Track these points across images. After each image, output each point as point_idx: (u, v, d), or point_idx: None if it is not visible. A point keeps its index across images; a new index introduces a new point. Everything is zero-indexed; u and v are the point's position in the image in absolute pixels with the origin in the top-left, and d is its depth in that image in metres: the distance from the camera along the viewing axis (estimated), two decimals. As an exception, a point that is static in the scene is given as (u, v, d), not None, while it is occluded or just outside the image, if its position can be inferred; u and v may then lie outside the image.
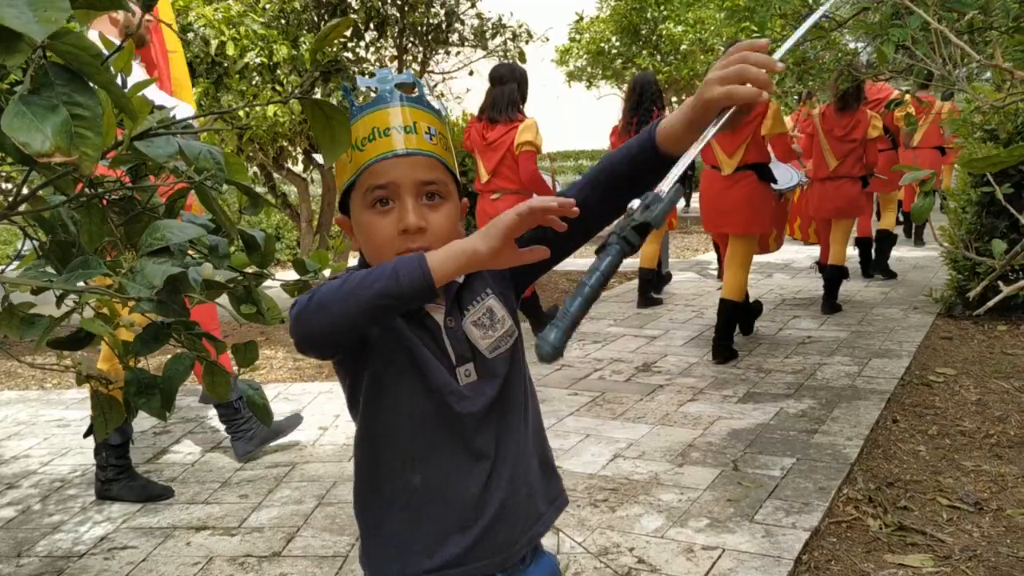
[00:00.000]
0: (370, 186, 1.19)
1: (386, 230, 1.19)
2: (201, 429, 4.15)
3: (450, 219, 1.23)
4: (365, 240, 1.23)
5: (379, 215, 1.20)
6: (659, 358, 5.21)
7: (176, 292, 1.04)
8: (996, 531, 2.90)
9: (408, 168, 1.20)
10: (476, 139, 5.36)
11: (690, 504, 3.08)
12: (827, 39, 5.17)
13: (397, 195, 1.20)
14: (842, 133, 6.04)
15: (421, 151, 1.21)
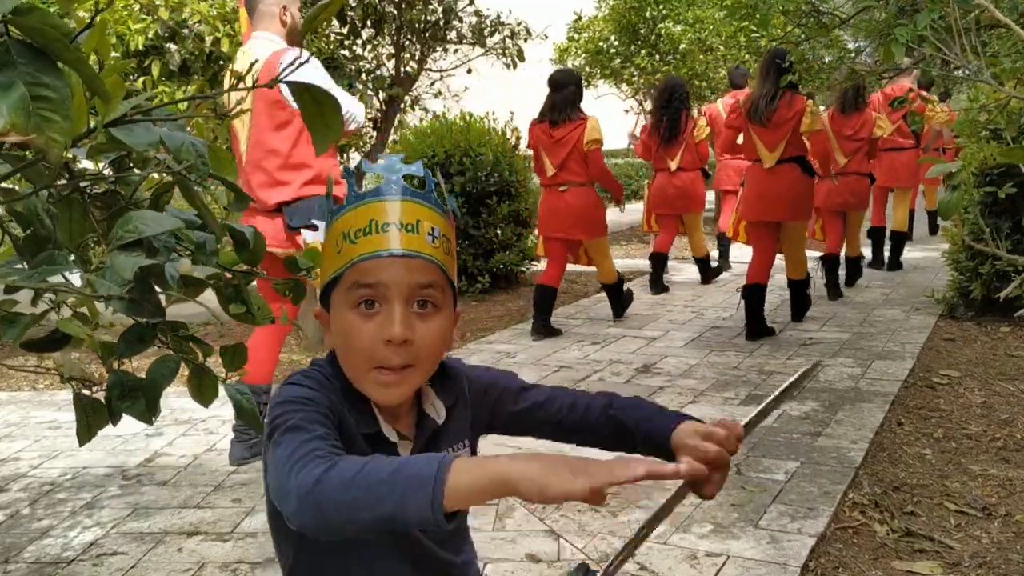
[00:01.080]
0: (356, 283, 1.07)
1: (367, 336, 1.06)
2: (195, 432, 4.08)
3: (441, 333, 1.11)
4: (343, 342, 1.10)
5: (362, 318, 1.07)
6: (659, 359, 5.15)
7: (149, 290, 0.97)
8: (1005, 537, 2.84)
9: (402, 270, 1.07)
10: (541, 138, 5.73)
11: (693, 509, 3.02)
12: (828, 38, 5.13)
13: (385, 299, 1.07)
14: (851, 133, 6.61)
15: (420, 254, 1.08)
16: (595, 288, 7.80)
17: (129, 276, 0.86)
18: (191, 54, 4.90)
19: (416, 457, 0.90)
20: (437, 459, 0.87)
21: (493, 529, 2.93)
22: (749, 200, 5.80)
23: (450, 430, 1.17)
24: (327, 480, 0.88)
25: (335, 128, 0.92)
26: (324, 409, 1.04)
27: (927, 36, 3.05)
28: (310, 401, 1.04)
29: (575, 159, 5.64)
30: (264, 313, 1.39)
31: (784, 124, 5.43)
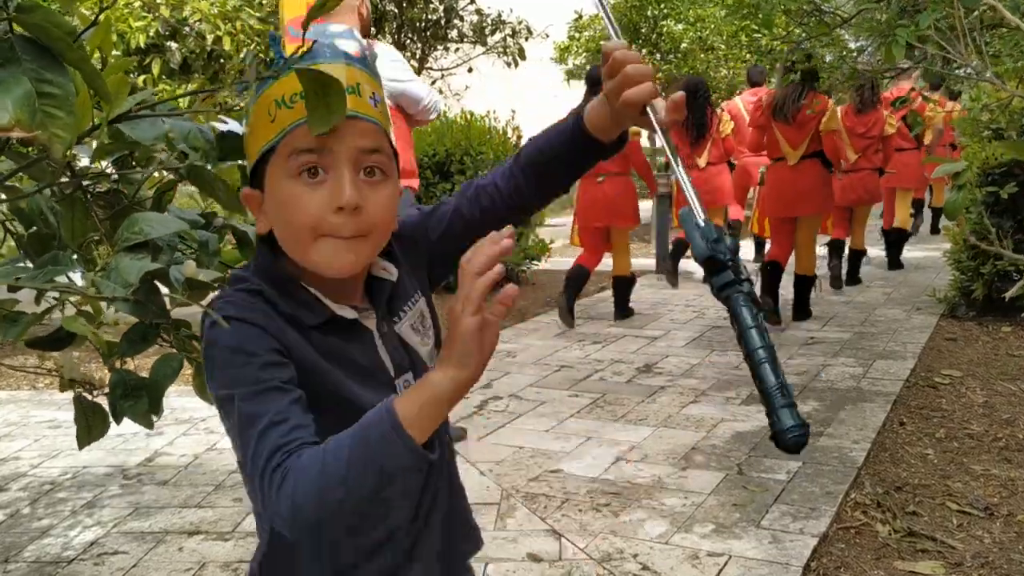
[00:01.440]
0: (297, 149, 0.97)
1: (314, 206, 0.97)
2: (195, 431, 4.07)
3: (391, 201, 1.03)
4: (284, 217, 0.99)
5: (306, 187, 0.97)
6: (660, 359, 5.14)
7: (154, 292, 0.95)
8: (1007, 537, 2.83)
9: (347, 133, 0.97)
10: None
11: (695, 509, 3.01)
12: (830, 37, 5.13)
13: (331, 164, 0.97)
14: (863, 131, 6.80)
15: (365, 115, 0.99)
16: (596, 287, 7.79)
17: (135, 280, 0.85)
18: (192, 52, 4.89)
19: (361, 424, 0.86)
20: (381, 415, 0.84)
21: (494, 529, 2.92)
22: (771, 198, 6.03)
23: (400, 287, 1.11)
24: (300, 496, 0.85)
25: (337, 109, 0.90)
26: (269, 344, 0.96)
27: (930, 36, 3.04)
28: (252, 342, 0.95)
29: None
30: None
31: (809, 122, 5.63)
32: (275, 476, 0.86)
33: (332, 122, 0.93)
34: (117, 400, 1.23)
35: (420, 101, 3.64)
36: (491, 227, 0.98)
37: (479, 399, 4.40)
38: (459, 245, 1.04)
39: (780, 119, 5.74)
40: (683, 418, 4.01)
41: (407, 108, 3.64)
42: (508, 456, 3.58)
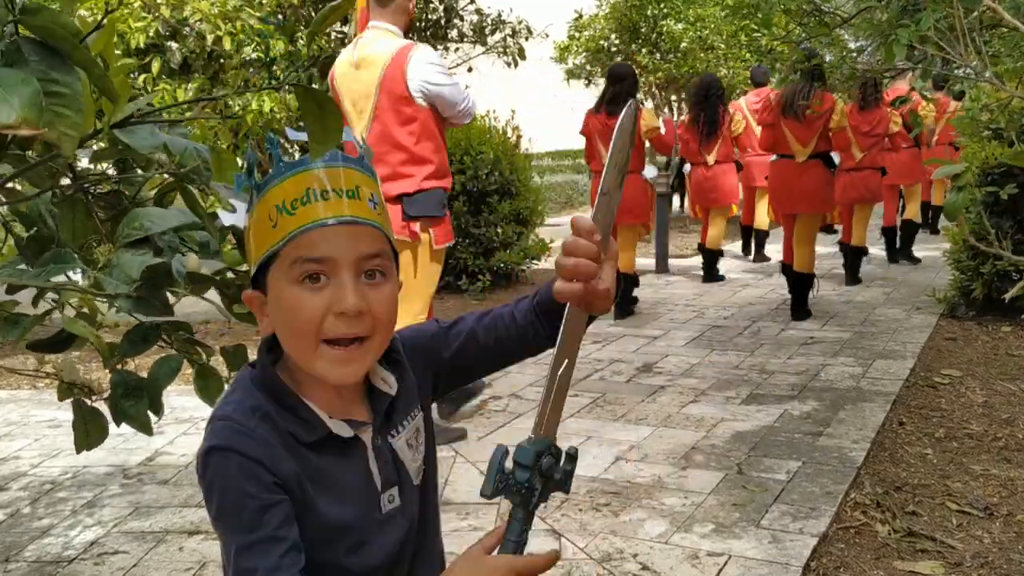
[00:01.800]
0: (299, 258, 0.97)
1: (316, 310, 0.98)
2: (196, 431, 4.08)
3: (394, 300, 1.04)
4: (287, 320, 1.00)
5: (308, 292, 0.98)
6: (660, 358, 5.15)
7: (157, 287, 0.95)
8: (1007, 537, 2.84)
9: (349, 239, 0.99)
10: (597, 127, 6.14)
11: (694, 508, 3.02)
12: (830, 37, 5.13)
13: (333, 271, 0.98)
14: (868, 129, 6.95)
15: (366, 220, 1.01)
16: (596, 287, 7.79)
17: (136, 275, 0.85)
18: (192, 52, 4.89)
19: None
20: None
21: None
22: (776, 193, 6.31)
23: (401, 401, 1.11)
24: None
25: (334, 133, 0.91)
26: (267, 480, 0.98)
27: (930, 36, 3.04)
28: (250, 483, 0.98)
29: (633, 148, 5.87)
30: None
31: (817, 120, 5.80)
32: None
33: (331, 144, 0.94)
34: (118, 400, 1.23)
35: (456, 105, 3.64)
36: (503, 356, 1.12)
37: (478, 399, 4.41)
38: (469, 367, 1.17)
39: (790, 116, 5.87)
40: (683, 418, 4.01)
41: (443, 111, 3.64)
42: (508, 456, 3.58)
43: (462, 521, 2.99)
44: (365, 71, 3.58)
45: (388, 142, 3.58)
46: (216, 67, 4.98)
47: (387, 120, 3.57)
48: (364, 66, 3.58)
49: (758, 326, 5.96)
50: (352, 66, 3.63)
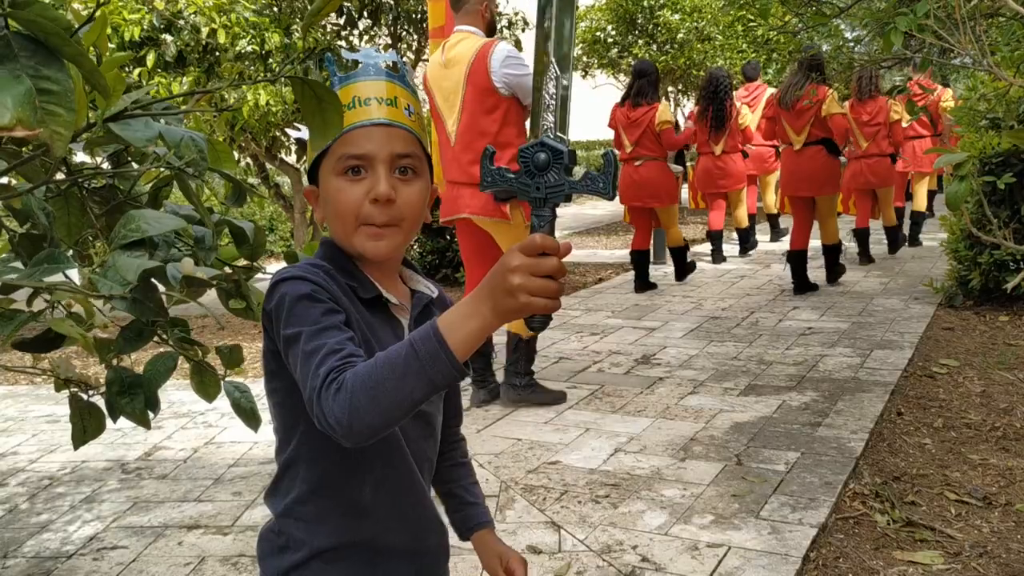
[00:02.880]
0: (344, 154, 1.16)
1: (354, 197, 1.16)
2: (194, 425, 4.07)
3: (421, 196, 1.21)
4: (332, 207, 1.19)
5: (349, 182, 1.17)
6: (658, 350, 5.14)
7: (152, 290, 0.95)
8: (1006, 526, 2.84)
9: (384, 139, 1.17)
10: (621, 118, 6.80)
11: (694, 500, 3.02)
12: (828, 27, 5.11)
13: (371, 165, 1.17)
14: (868, 118, 7.34)
15: (400, 123, 1.19)
16: (594, 279, 7.80)
17: (133, 278, 0.85)
18: (187, 45, 4.86)
19: (410, 341, 0.97)
20: (428, 333, 0.96)
21: (494, 521, 2.92)
22: (784, 177, 6.85)
23: (436, 307, 1.28)
24: (358, 399, 0.96)
25: (333, 124, 0.90)
26: (329, 296, 1.12)
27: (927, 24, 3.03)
28: (317, 293, 1.10)
29: (648, 137, 6.67)
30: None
31: (808, 110, 6.33)
32: (331, 387, 0.98)
33: (330, 137, 1.01)
34: (113, 397, 1.23)
35: (527, 95, 3.93)
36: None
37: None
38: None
39: (784, 107, 6.45)
40: (681, 409, 4.01)
41: (523, 99, 3.97)
42: (507, 448, 3.58)
43: (461, 514, 2.99)
44: (453, 69, 4.02)
45: (475, 130, 3.98)
46: (211, 60, 4.95)
47: (474, 110, 3.97)
48: (451, 65, 4.02)
49: (756, 317, 5.96)
50: (441, 66, 4.08)
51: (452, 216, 4.17)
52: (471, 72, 3.94)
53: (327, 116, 0.89)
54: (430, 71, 4.18)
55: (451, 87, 4.03)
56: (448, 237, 7.54)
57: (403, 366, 0.95)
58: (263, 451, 3.67)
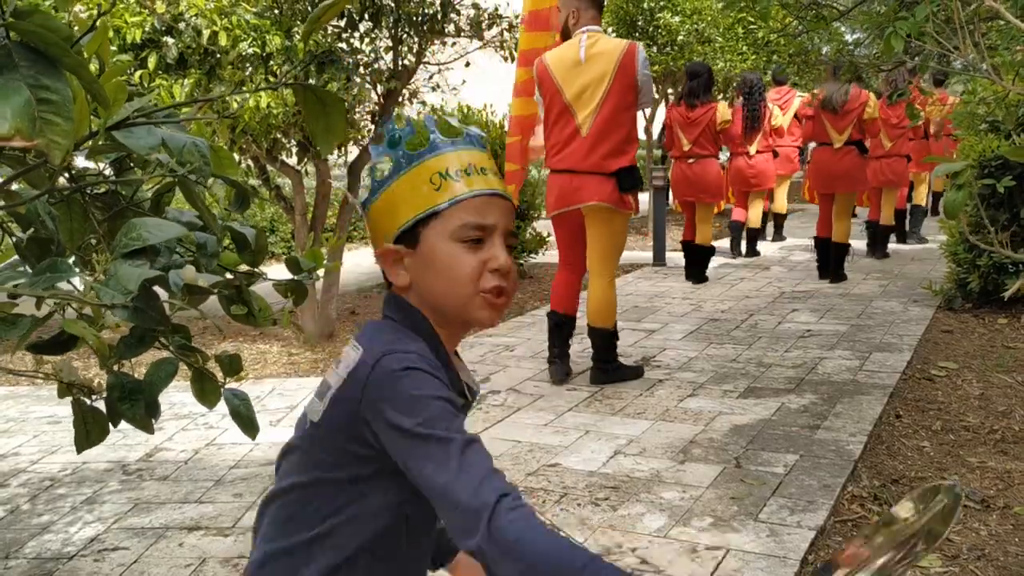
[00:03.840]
0: (468, 223, 1.17)
1: (474, 265, 1.17)
2: (194, 427, 4.08)
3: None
4: (445, 273, 1.18)
5: (467, 250, 1.18)
6: (658, 352, 5.15)
7: (153, 298, 0.96)
8: (1004, 529, 2.85)
9: (504, 213, 1.21)
10: (678, 118, 7.22)
11: (693, 502, 3.03)
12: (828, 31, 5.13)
13: (490, 236, 1.19)
14: (896, 121, 7.87)
15: (510, 197, 1.24)
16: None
17: (134, 288, 0.86)
18: (188, 47, 4.87)
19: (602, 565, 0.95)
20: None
21: (493, 523, 2.93)
22: (815, 176, 7.34)
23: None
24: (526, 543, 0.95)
25: (338, 129, 0.91)
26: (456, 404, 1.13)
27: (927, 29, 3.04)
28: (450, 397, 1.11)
29: (706, 136, 7.11)
30: (265, 315, 1.39)
31: (851, 112, 6.92)
32: (510, 513, 0.97)
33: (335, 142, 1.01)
34: (115, 402, 1.24)
35: (650, 92, 4.45)
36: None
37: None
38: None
39: (828, 110, 6.95)
40: (681, 411, 4.02)
41: (642, 96, 4.38)
42: (506, 451, 3.59)
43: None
44: (594, 65, 4.27)
45: (614, 123, 4.29)
46: (212, 62, 4.96)
47: (615, 104, 4.28)
48: (593, 61, 4.28)
49: (755, 319, 5.97)
50: (574, 64, 4.32)
51: (571, 207, 4.41)
52: (620, 69, 4.23)
53: (331, 121, 0.90)
54: (556, 67, 4.36)
55: (589, 82, 4.28)
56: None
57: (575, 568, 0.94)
58: (263, 453, 3.68)
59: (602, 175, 4.30)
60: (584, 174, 4.32)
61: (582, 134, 4.31)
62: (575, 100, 4.32)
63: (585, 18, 4.38)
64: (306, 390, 4.62)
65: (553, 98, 4.40)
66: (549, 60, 4.44)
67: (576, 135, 4.34)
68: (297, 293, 1.46)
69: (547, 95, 4.44)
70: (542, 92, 4.49)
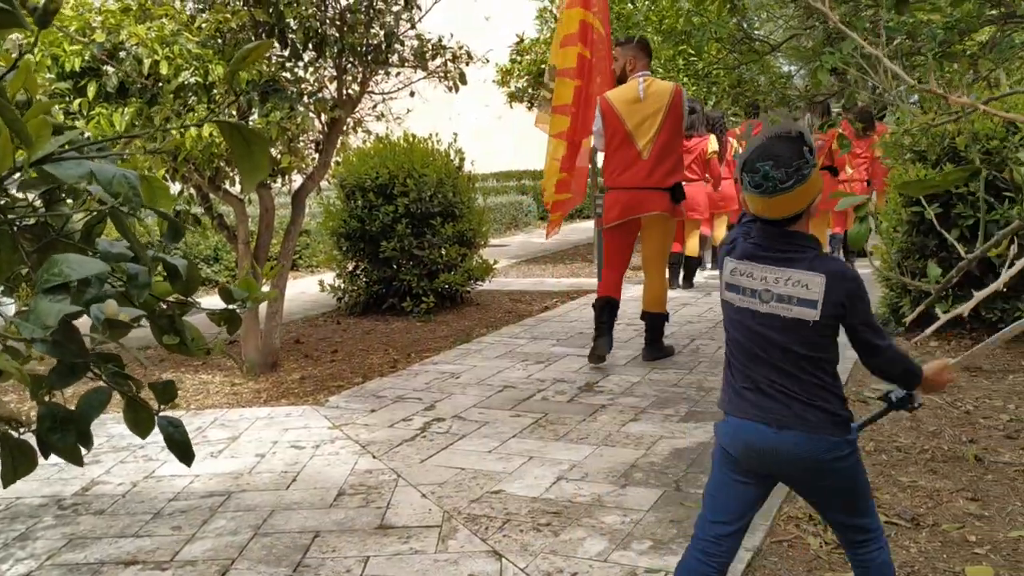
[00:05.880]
0: None
1: None
2: (133, 459, 4.01)
3: None
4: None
5: None
6: (602, 377, 5.21)
7: (72, 331, 0.97)
8: (932, 546, 2.94)
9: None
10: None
11: (633, 526, 3.07)
12: (761, 62, 5.29)
13: None
14: (860, 152, 8.91)
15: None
16: (539, 308, 7.86)
17: (53, 323, 0.87)
18: (128, 76, 4.84)
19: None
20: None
21: (435, 551, 2.94)
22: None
23: None
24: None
25: (261, 167, 0.94)
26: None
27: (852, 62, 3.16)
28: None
29: (698, 163, 8.25)
30: (198, 344, 1.40)
31: (824, 146, 8.24)
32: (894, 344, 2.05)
33: (257, 180, 1.00)
34: (44, 433, 1.24)
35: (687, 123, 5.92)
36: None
37: (421, 421, 4.42)
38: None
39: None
40: (623, 436, 4.07)
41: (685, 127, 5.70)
42: (450, 478, 3.60)
43: (403, 544, 3.00)
44: (651, 101, 5.36)
45: (670, 147, 5.39)
46: (155, 91, 4.93)
47: (670, 131, 5.38)
48: (650, 99, 5.36)
49: (697, 344, 6.06)
50: (633, 101, 5.39)
51: (633, 216, 5.43)
52: (672, 105, 5.33)
53: (255, 159, 0.92)
54: (618, 104, 5.41)
55: (647, 115, 5.34)
56: (395, 267, 7.56)
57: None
58: (203, 485, 3.64)
59: (661, 190, 5.37)
60: (646, 190, 5.35)
61: (643, 157, 5.36)
62: (635, 129, 5.35)
63: (640, 65, 5.47)
64: (248, 420, 4.57)
65: (616, 129, 5.41)
66: (612, 98, 5.48)
67: (638, 158, 5.38)
68: (231, 322, 1.47)
69: (610, 126, 5.46)
70: (605, 124, 5.50)
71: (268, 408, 4.84)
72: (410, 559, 2.89)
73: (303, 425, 4.46)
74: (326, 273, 9.31)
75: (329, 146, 5.85)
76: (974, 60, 3.68)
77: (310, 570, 2.84)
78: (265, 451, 4.06)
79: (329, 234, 7.97)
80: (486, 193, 16.69)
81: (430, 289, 7.55)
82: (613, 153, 5.49)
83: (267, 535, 3.12)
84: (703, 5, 4.42)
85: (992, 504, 3.28)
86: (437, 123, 13.11)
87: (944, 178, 1.31)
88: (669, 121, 5.36)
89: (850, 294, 2.00)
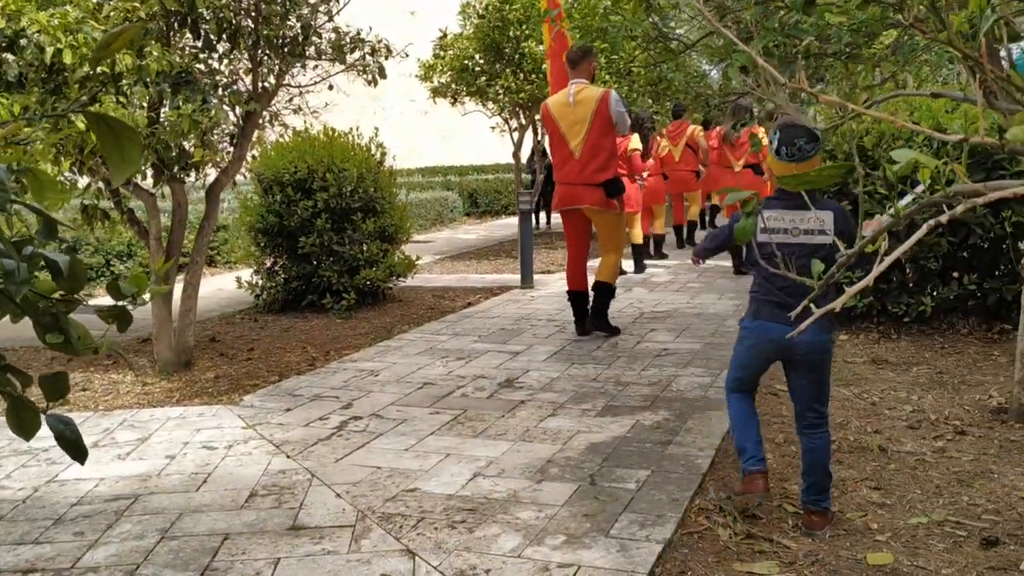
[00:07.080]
0: None
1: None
2: (35, 463, 3.87)
3: None
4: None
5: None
6: (522, 373, 5.23)
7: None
8: (836, 534, 3.02)
9: None
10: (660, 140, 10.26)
11: (547, 521, 3.08)
12: (677, 61, 5.37)
13: None
14: (739, 144, 9.68)
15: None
16: (462, 304, 7.84)
17: None
18: (30, 65, 4.66)
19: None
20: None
21: (348, 551, 2.90)
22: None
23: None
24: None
25: (132, 161, 0.90)
26: None
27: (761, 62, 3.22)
28: None
29: (622, 158, 8.56)
30: (85, 342, 1.35)
31: (743, 146, 9.48)
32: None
33: (128, 174, 0.95)
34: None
35: (625, 124, 6.12)
36: None
37: (338, 420, 4.37)
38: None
39: (727, 142, 9.64)
40: (541, 432, 4.09)
41: (619, 128, 6.07)
42: (365, 477, 3.57)
43: (315, 545, 2.96)
44: (579, 107, 5.95)
45: (599, 147, 5.97)
46: (58, 80, 4.75)
47: (598, 133, 5.95)
48: (579, 105, 5.95)
49: (615, 339, 6.13)
50: (567, 105, 6.01)
51: (570, 206, 6.12)
52: (597, 110, 5.90)
53: (125, 152, 0.89)
54: (554, 108, 6.09)
55: (577, 119, 5.96)
56: (315, 263, 7.45)
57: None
58: (109, 488, 3.53)
59: (592, 185, 5.98)
60: (580, 185, 6.01)
61: (576, 156, 6.00)
62: (568, 131, 6.02)
63: (574, 73, 6.09)
64: (158, 420, 4.45)
65: (553, 131, 6.13)
66: (550, 103, 6.21)
67: (571, 157, 6.03)
68: (121, 320, 1.42)
69: (548, 128, 6.22)
70: (545, 126, 6.31)
71: (180, 408, 4.72)
72: (322, 560, 2.85)
73: (216, 425, 4.36)
74: (244, 270, 9.13)
75: (244, 140, 5.72)
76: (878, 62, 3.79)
77: (218, 573, 2.78)
78: (176, 452, 3.96)
79: (247, 230, 7.81)
80: (411, 189, 16.59)
81: (351, 286, 7.47)
82: (554, 152, 6.23)
83: (175, 538, 3.05)
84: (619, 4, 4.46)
85: (894, 492, 3.39)
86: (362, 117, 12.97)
87: (819, 174, 1.35)
88: (596, 123, 5.92)
89: (846, 220, 2.96)
